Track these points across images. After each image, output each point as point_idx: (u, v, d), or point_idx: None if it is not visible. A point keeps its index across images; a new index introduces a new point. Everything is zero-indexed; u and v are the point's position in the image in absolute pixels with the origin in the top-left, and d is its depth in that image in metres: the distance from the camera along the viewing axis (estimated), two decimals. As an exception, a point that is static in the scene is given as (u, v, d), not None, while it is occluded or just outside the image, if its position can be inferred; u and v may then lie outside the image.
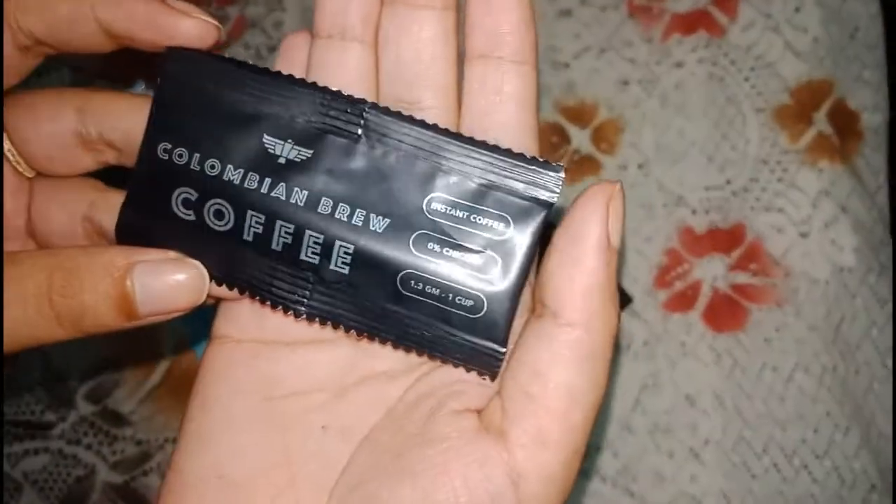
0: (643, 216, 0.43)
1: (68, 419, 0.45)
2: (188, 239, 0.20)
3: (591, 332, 0.18)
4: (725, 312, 0.42)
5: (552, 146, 0.45)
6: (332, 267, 0.20)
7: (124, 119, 0.22)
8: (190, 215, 0.20)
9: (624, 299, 0.42)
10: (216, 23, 0.20)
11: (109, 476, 0.44)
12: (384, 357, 0.21)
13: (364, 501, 0.19)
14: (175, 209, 0.20)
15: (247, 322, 0.22)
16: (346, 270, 0.20)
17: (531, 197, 0.19)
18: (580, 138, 0.45)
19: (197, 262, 0.20)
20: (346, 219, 0.19)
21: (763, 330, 0.42)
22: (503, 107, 0.20)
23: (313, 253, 0.20)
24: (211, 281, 0.20)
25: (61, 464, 0.45)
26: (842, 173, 0.43)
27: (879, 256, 0.42)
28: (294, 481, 0.20)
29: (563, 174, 0.19)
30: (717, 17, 0.45)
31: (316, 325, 0.21)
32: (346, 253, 0.19)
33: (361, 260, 0.19)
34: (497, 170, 0.19)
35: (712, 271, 0.42)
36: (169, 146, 0.20)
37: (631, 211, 0.44)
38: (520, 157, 0.19)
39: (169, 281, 0.19)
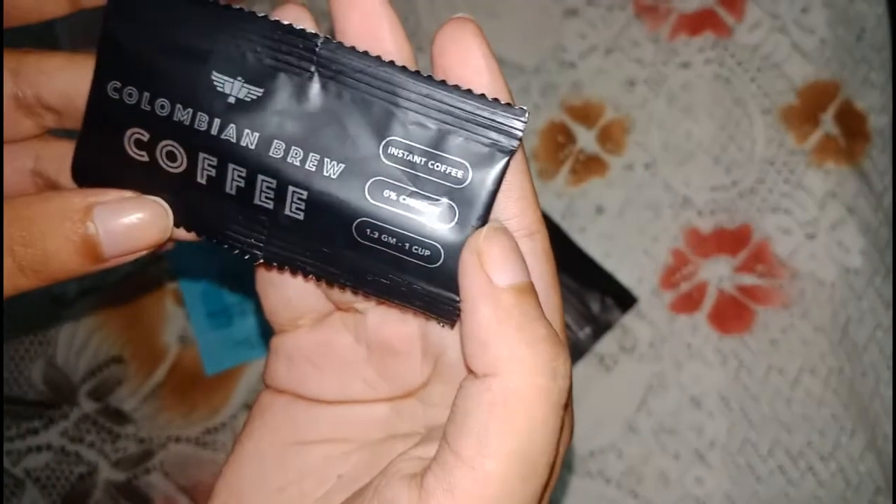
0: (649, 217, 0.43)
1: (71, 417, 0.45)
2: (143, 180, 0.19)
3: (506, 380, 0.17)
4: (731, 314, 0.42)
5: (558, 145, 0.45)
6: (286, 212, 0.19)
7: (60, 79, 0.21)
8: (143, 156, 0.19)
9: (629, 300, 0.42)
10: None
11: (111, 474, 0.44)
12: (413, 420, 0.21)
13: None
14: (128, 150, 0.19)
15: (286, 380, 0.22)
16: (300, 216, 0.19)
17: (492, 142, 0.18)
18: (586, 138, 0.45)
19: (158, 199, 0.19)
20: (298, 163, 0.18)
21: (769, 331, 0.41)
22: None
23: (267, 198, 0.19)
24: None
25: (63, 461, 0.45)
26: (848, 175, 0.43)
27: (886, 258, 0.42)
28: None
29: (526, 117, 0.18)
30: (724, 18, 0.45)
31: (346, 375, 0.21)
32: (299, 199, 0.19)
33: (316, 206, 0.19)
34: (457, 112, 0.18)
35: (718, 272, 0.42)
36: (118, 85, 0.19)
37: (637, 211, 0.43)
38: (481, 98, 0.18)
39: (131, 220, 0.19)
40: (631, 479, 0.41)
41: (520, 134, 0.18)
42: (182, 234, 0.20)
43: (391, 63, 0.18)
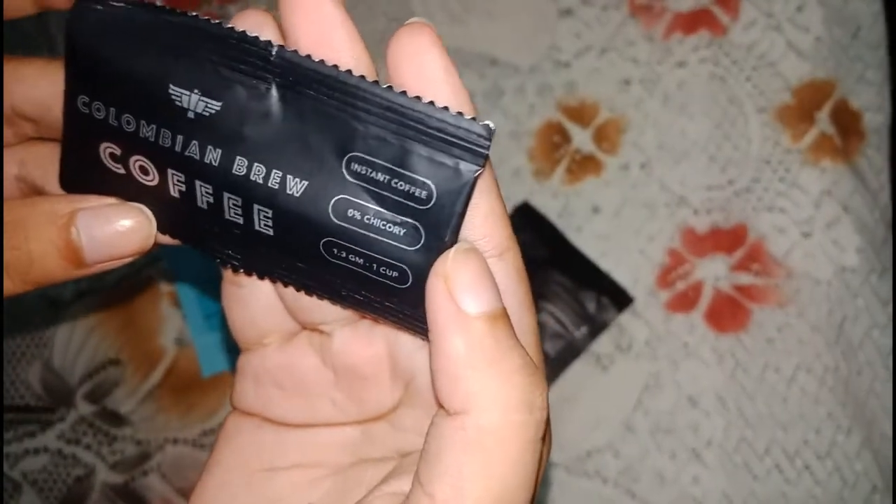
0: (645, 216, 0.43)
1: (68, 419, 0.45)
2: (125, 190, 0.19)
3: (479, 418, 0.16)
4: (727, 313, 0.42)
5: (553, 145, 0.45)
6: (256, 228, 0.18)
7: (35, 88, 0.20)
8: (120, 168, 0.19)
9: (625, 300, 0.42)
10: None
11: (109, 476, 0.44)
12: (384, 444, 0.21)
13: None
14: (105, 163, 0.19)
15: (253, 401, 0.22)
16: (270, 232, 0.18)
17: (456, 160, 0.17)
18: (582, 138, 0.45)
19: (142, 206, 0.19)
20: (261, 180, 0.18)
21: (765, 330, 0.41)
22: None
23: (236, 213, 0.18)
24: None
25: (61, 464, 0.45)
26: (844, 173, 0.43)
27: (881, 257, 0.42)
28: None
29: (492, 134, 0.17)
30: (719, 16, 0.45)
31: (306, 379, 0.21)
32: (266, 216, 0.18)
33: (282, 224, 0.18)
34: (419, 127, 0.17)
35: (714, 271, 0.42)
36: (87, 99, 0.18)
37: (633, 211, 0.43)
38: (444, 112, 0.17)
39: (115, 227, 0.19)
40: (628, 479, 0.41)
41: (486, 152, 0.17)
42: (166, 239, 0.20)
43: (348, 72, 0.17)
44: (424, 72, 0.16)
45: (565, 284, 0.43)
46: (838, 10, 0.44)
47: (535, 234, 0.44)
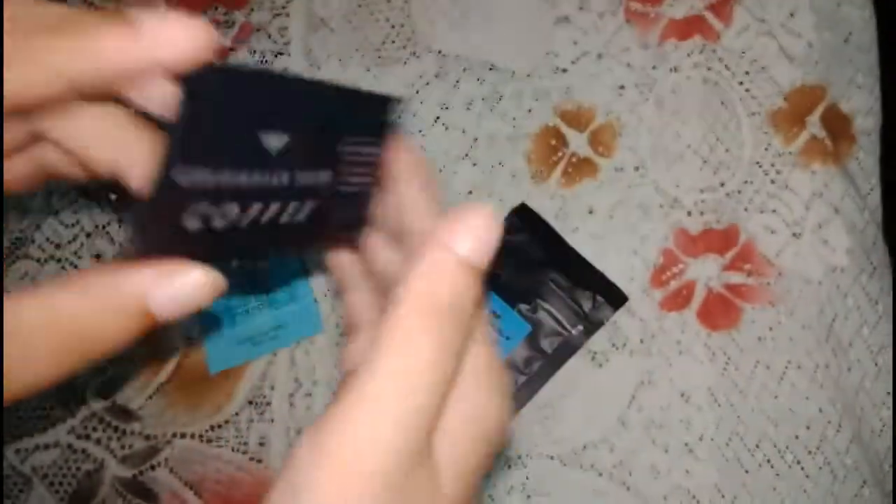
0: (639, 217, 0.44)
1: (78, 414, 0.46)
2: (197, 246, 0.21)
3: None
4: (720, 311, 0.43)
5: (551, 149, 0.46)
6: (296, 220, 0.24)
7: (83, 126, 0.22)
8: (199, 224, 0.21)
9: (620, 298, 0.43)
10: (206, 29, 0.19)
11: (118, 470, 0.45)
12: None
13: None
14: (185, 223, 0.20)
15: None
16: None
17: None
18: (578, 141, 0.46)
19: (206, 269, 0.20)
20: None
21: (756, 328, 0.42)
22: None
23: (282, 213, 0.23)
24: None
25: (70, 458, 0.45)
26: (835, 175, 0.43)
27: (871, 257, 0.43)
28: None
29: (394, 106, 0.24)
30: (712, 23, 0.46)
31: None
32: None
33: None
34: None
35: (707, 271, 0.43)
36: (187, 168, 0.20)
37: (627, 212, 0.44)
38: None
39: (184, 289, 0.20)
40: (622, 472, 0.42)
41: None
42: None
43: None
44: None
45: (562, 284, 0.44)
46: (830, 16, 0.45)
47: (532, 235, 0.45)
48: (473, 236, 0.20)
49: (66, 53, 0.18)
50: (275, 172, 0.21)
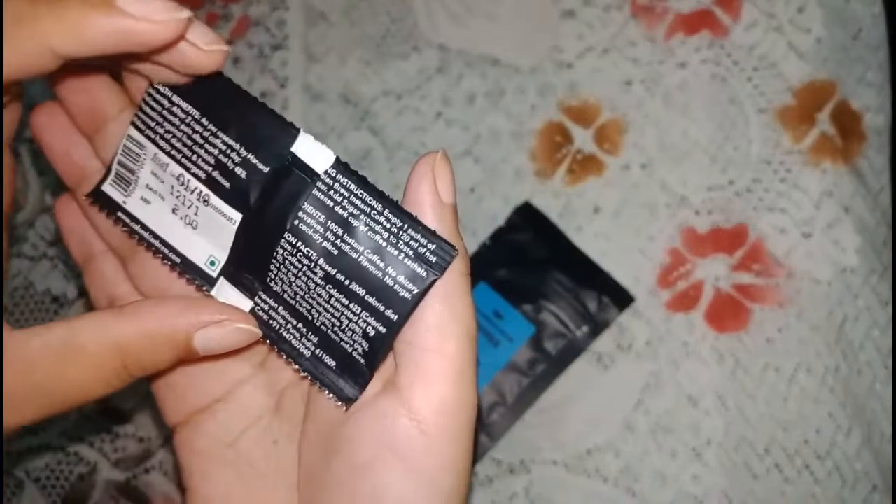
0: (646, 216, 0.43)
1: (70, 416, 0.45)
2: None
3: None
4: (728, 313, 0.42)
5: (556, 145, 0.45)
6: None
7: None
8: None
9: (626, 299, 0.42)
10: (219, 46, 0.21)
11: (111, 473, 0.44)
12: (285, 367, 0.25)
13: (314, 484, 0.23)
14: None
15: (173, 407, 0.27)
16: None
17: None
18: (583, 138, 0.45)
19: (251, 320, 0.23)
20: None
21: (765, 330, 0.42)
22: None
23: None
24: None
25: (63, 461, 0.45)
26: (845, 174, 0.43)
27: (882, 257, 0.42)
28: (274, 494, 0.24)
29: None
30: (721, 17, 0.45)
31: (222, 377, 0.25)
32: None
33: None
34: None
35: (715, 271, 0.42)
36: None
37: (634, 211, 0.44)
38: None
39: (230, 337, 0.22)
40: (628, 478, 0.41)
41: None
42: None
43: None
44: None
45: (566, 284, 0.43)
46: (839, 12, 0.45)
47: (536, 234, 0.44)
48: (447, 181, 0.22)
49: (51, 29, 0.19)
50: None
